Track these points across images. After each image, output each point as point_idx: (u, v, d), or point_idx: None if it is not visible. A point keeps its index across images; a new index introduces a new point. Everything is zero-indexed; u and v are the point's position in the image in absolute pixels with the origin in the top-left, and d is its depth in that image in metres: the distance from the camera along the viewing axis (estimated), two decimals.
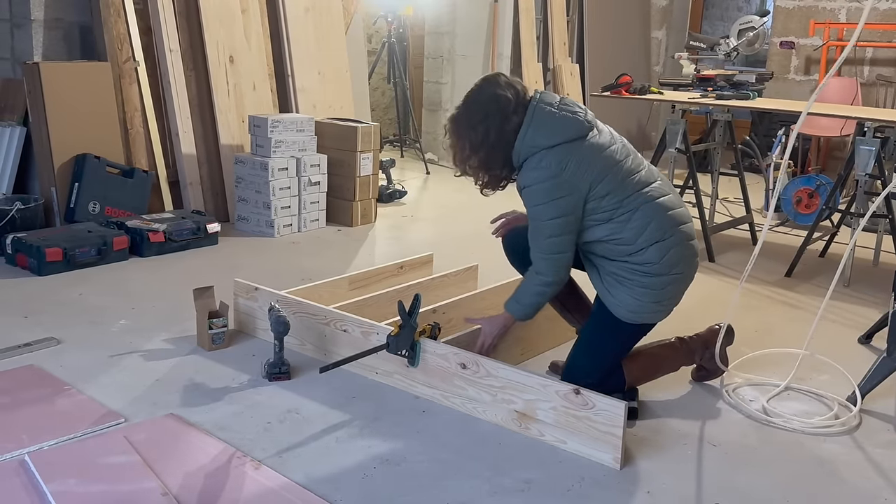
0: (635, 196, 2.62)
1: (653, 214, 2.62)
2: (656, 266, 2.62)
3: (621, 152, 2.65)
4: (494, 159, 2.66)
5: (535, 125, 2.58)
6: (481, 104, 2.63)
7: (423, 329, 2.79)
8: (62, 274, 3.95)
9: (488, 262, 4.02)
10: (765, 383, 3.07)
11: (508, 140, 2.61)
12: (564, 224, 2.59)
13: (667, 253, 2.63)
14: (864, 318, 3.77)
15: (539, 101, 2.62)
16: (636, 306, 2.66)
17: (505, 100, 2.60)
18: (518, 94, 2.62)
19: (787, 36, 7.50)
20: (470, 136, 2.64)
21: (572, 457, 2.49)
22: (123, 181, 4.61)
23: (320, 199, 5.05)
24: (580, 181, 2.57)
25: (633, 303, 2.66)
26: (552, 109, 2.61)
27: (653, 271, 2.63)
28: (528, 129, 2.58)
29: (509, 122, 2.60)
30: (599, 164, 2.59)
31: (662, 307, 2.71)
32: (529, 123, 2.59)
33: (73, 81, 4.50)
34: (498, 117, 2.60)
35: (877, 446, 2.67)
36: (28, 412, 2.62)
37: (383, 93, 8.31)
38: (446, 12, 7.17)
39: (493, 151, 2.64)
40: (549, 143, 2.57)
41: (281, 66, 5.41)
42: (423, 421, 2.68)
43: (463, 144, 2.66)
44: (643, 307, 2.67)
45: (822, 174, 5.81)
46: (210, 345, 3.15)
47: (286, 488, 2.26)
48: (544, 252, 2.64)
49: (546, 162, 2.56)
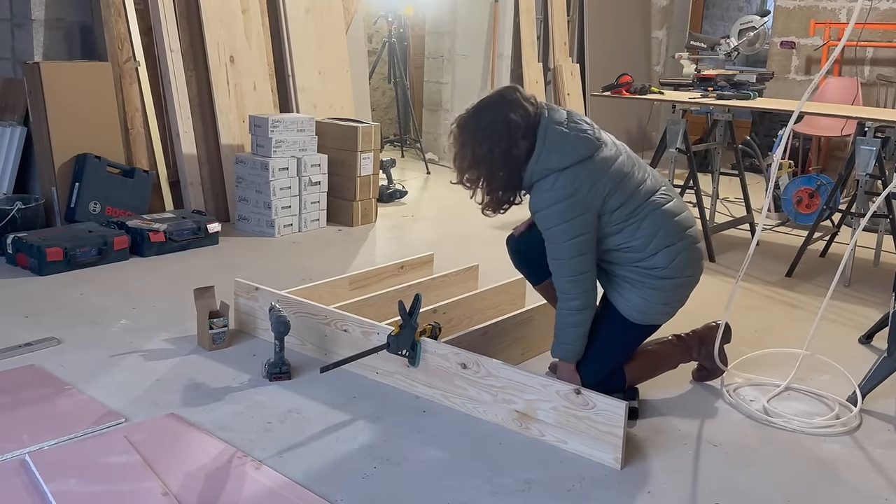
0: (644, 206, 2.64)
1: (661, 222, 2.65)
2: (666, 270, 2.65)
3: (627, 163, 2.66)
4: (496, 179, 2.64)
5: (548, 148, 2.57)
6: (492, 123, 2.59)
7: (424, 329, 2.79)
8: (63, 274, 3.95)
9: (489, 262, 4.03)
10: (765, 383, 3.06)
11: (515, 163, 2.59)
12: (584, 243, 2.59)
13: (675, 257, 2.66)
14: (864, 318, 3.77)
15: (549, 122, 2.59)
16: (645, 307, 2.68)
17: (515, 125, 2.57)
18: (529, 118, 2.59)
19: (788, 36, 7.50)
20: (474, 148, 2.60)
21: (573, 457, 2.49)
22: (124, 181, 4.61)
23: (321, 199, 5.05)
24: (594, 198, 2.58)
25: (642, 303, 2.68)
26: (563, 129, 2.59)
27: (663, 275, 2.66)
28: (542, 152, 2.57)
29: (517, 146, 2.57)
30: (610, 178, 2.60)
31: (670, 308, 2.74)
32: (542, 146, 2.57)
33: (73, 81, 4.51)
34: (506, 140, 2.57)
35: (877, 446, 2.67)
36: (29, 412, 2.62)
37: (384, 93, 8.31)
38: (447, 12, 7.17)
39: (494, 170, 2.61)
40: (562, 164, 2.56)
41: (281, 66, 5.42)
42: (423, 421, 2.68)
43: (464, 153, 2.64)
44: (652, 308, 2.69)
45: (822, 174, 5.81)
46: (210, 345, 3.15)
47: (287, 488, 2.26)
48: (568, 274, 2.63)
49: (560, 183, 2.55)
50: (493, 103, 2.64)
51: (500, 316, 3.15)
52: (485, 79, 7.19)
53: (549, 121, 2.60)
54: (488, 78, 7.17)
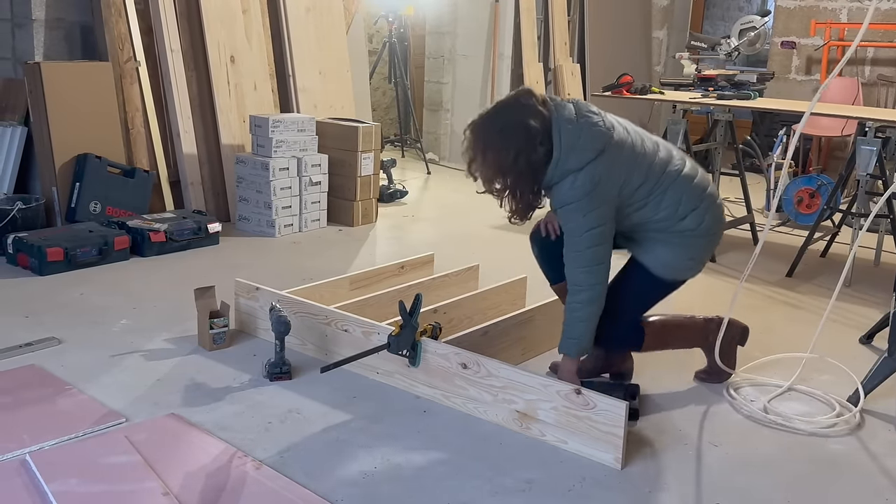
0: (663, 178, 2.69)
1: (682, 189, 2.71)
2: (697, 230, 2.74)
3: (637, 141, 2.69)
4: (525, 184, 2.64)
5: (566, 150, 2.57)
6: (514, 131, 2.58)
7: (425, 329, 2.79)
8: (63, 274, 3.95)
9: (489, 262, 4.03)
10: (766, 383, 3.06)
11: (537, 169, 2.60)
12: (602, 234, 2.63)
13: (703, 219, 2.74)
14: (865, 318, 3.77)
15: (561, 122, 2.59)
16: (673, 261, 2.77)
17: (535, 131, 2.57)
18: (545, 122, 2.58)
19: (788, 36, 7.49)
20: (498, 157, 2.59)
21: (573, 457, 2.49)
22: (124, 181, 4.61)
23: (321, 199, 5.05)
24: (612, 188, 2.61)
25: (670, 258, 2.76)
26: (575, 127, 2.59)
27: (694, 235, 2.75)
28: (560, 156, 2.57)
29: (537, 152, 2.58)
30: (625, 162, 2.63)
31: (696, 263, 2.84)
32: (559, 150, 2.57)
33: (74, 81, 4.51)
34: (528, 148, 2.57)
35: (878, 446, 2.66)
36: (29, 412, 2.62)
37: (384, 93, 8.31)
38: (447, 12, 7.18)
39: (519, 178, 2.62)
40: (580, 164, 2.57)
41: (282, 65, 5.42)
42: (424, 421, 2.68)
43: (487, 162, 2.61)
44: (680, 263, 2.79)
45: (823, 174, 5.81)
46: (211, 345, 3.15)
47: (287, 488, 2.26)
48: (583, 265, 2.64)
49: (580, 181, 2.57)
50: (510, 109, 2.63)
51: (501, 316, 3.15)
52: (485, 79, 7.19)
53: (560, 120, 2.59)
54: (489, 78, 7.17)
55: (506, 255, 4.55)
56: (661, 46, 8.61)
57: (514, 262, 4.12)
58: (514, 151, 2.57)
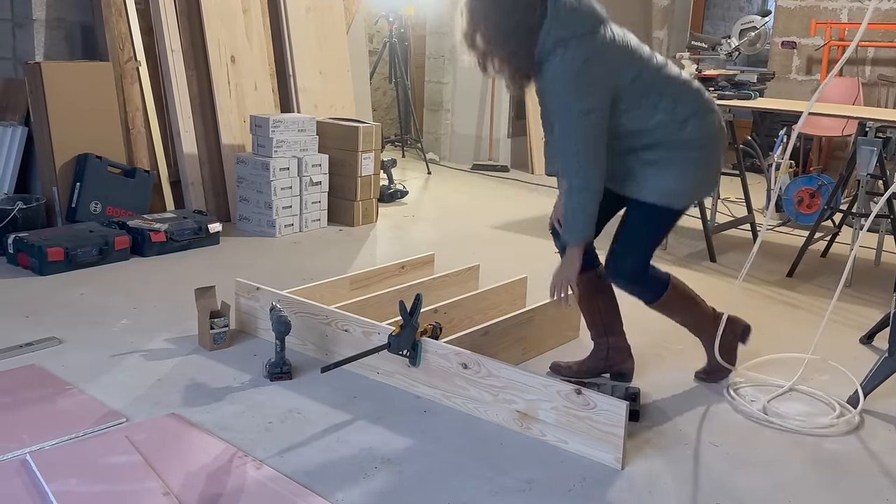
0: (659, 76, 2.66)
1: (681, 91, 2.70)
2: (699, 140, 2.70)
3: (633, 40, 2.69)
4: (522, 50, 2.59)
5: (559, 18, 2.54)
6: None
7: (425, 329, 2.79)
8: (64, 274, 3.95)
9: (489, 262, 4.03)
10: (767, 384, 3.06)
11: (526, 33, 2.56)
12: (595, 120, 2.56)
13: (703, 125, 2.70)
14: (865, 318, 3.77)
15: None
16: (677, 186, 2.72)
17: None
18: None
19: (789, 36, 7.49)
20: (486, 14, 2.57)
21: (574, 457, 2.49)
22: (125, 181, 4.61)
23: (322, 199, 5.05)
24: (604, 71, 2.57)
25: (673, 183, 2.71)
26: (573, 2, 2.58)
27: (696, 146, 2.70)
28: (552, 22, 2.55)
29: (534, 14, 2.55)
30: (620, 52, 2.62)
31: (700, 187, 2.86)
32: (553, 17, 2.54)
33: (74, 81, 4.51)
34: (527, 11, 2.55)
35: (879, 446, 2.66)
36: (29, 412, 2.62)
37: (385, 93, 8.31)
38: (448, 12, 7.17)
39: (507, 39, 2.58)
40: (571, 34, 2.54)
41: (282, 65, 5.42)
42: (424, 421, 2.68)
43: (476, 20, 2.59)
44: (684, 186, 2.73)
45: (823, 174, 5.80)
46: (211, 345, 3.15)
47: (287, 488, 2.26)
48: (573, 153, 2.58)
49: (570, 55, 2.53)
50: None
51: (501, 316, 3.14)
52: (485, 79, 7.18)
53: None
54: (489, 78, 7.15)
55: (506, 255, 4.55)
56: (662, 46, 8.60)
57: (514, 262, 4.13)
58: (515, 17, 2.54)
